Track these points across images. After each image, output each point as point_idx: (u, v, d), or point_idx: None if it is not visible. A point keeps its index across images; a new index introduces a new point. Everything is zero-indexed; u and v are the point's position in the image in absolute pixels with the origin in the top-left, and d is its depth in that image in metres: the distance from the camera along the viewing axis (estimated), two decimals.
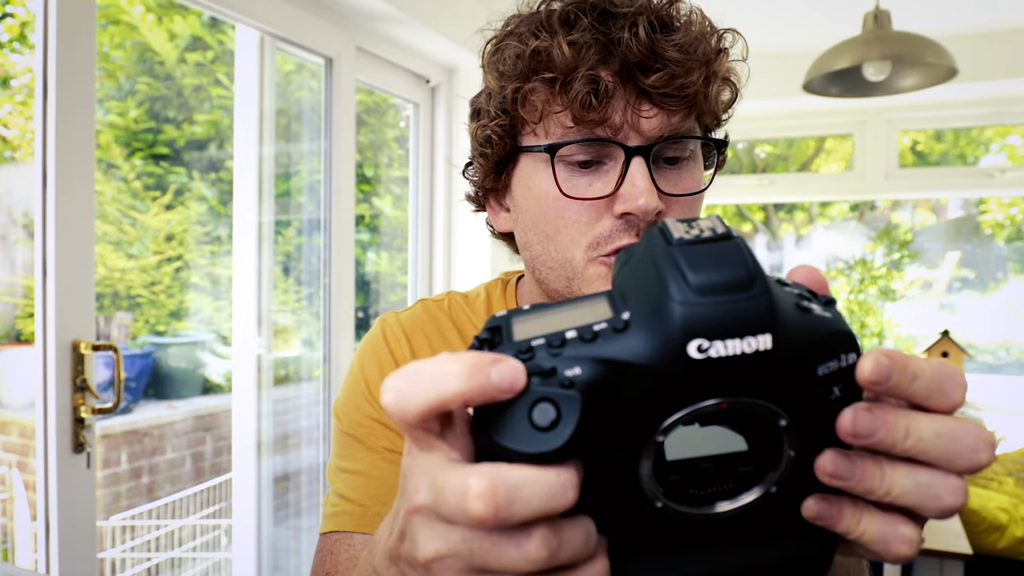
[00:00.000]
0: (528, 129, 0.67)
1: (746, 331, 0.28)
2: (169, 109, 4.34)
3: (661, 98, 0.62)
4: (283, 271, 2.28)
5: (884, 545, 0.33)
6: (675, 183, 0.65)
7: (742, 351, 0.28)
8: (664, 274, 0.29)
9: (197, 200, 4.46)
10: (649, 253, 0.31)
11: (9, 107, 3.79)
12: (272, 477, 2.10)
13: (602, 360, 0.30)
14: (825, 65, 2.04)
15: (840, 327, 0.31)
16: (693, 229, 0.31)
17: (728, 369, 0.29)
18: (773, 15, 2.73)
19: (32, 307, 1.56)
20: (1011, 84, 2.89)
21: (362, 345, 0.79)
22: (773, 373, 0.30)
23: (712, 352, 0.28)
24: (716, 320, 0.28)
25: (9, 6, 3.82)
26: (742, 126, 3.57)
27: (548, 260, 0.68)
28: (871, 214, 5.49)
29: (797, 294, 0.32)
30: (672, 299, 0.29)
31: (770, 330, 0.28)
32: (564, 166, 0.65)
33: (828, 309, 0.32)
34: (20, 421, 3.28)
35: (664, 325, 0.29)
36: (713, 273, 0.29)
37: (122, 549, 3.09)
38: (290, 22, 1.93)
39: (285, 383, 2.18)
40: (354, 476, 0.72)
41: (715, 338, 0.28)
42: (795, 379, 0.30)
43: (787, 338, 0.29)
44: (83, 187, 1.38)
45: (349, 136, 2.18)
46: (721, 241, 0.30)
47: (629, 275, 0.33)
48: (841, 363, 0.31)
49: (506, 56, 0.66)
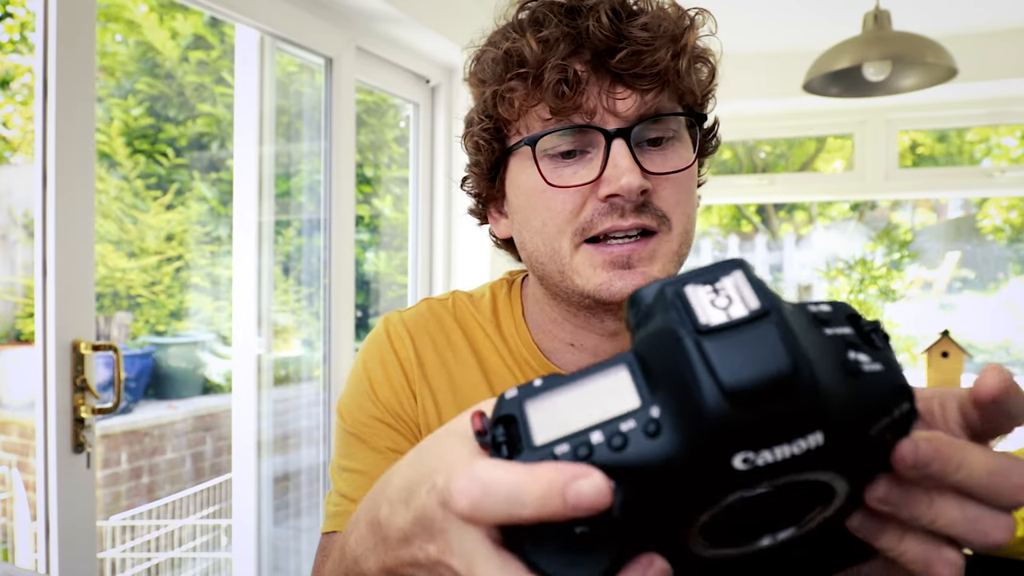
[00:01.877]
0: (512, 129, 0.69)
1: (794, 435, 0.26)
2: (170, 108, 4.34)
3: (633, 79, 0.63)
4: (283, 271, 2.28)
5: (925, 567, 0.33)
6: (660, 163, 0.66)
7: (792, 454, 0.26)
8: (696, 373, 0.26)
9: (197, 200, 4.46)
10: (672, 334, 0.28)
11: (10, 107, 3.79)
12: (272, 477, 2.10)
13: (636, 469, 0.28)
14: (825, 65, 2.04)
15: (893, 381, 0.29)
16: (719, 300, 0.28)
17: (778, 470, 0.27)
18: (773, 15, 2.73)
19: (32, 307, 1.57)
20: (1011, 84, 2.89)
21: (366, 344, 0.78)
22: (827, 458, 0.28)
23: (759, 462, 0.26)
24: (760, 432, 0.26)
25: (9, 6, 3.82)
26: (742, 126, 3.57)
27: (540, 255, 0.68)
28: (871, 214, 5.49)
29: (841, 340, 0.30)
30: (708, 408, 0.26)
31: (820, 428, 0.26)
32: (549, 159, 0.66)
33: (877, 356, 0.30)
34: (20, 421, 3.29)
35: (703, 437, 0.26)
36: (750, 374, 0.25)
37: (122, 549, 3.09)
38: (290, 22, 1.93)
39: (285, 383, 2.18)
40: (357, 475, 0.72)
41: (761, 448, 0.26)
42: (847, 451, 0.28)
43: (839, 423, 0.27)
44: (83, 187, 1.38)
45: (349, 136, 2.18)
46: (755, 323, 0.27)
47: (653, 347, 0.29)
48: (894, 416, 0.30)
49: (484, 63, 0.69)
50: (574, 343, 0.73)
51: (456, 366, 0.75)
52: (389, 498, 0.38)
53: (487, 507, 0.29)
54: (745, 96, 3.20)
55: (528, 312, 0.77)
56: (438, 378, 0.74)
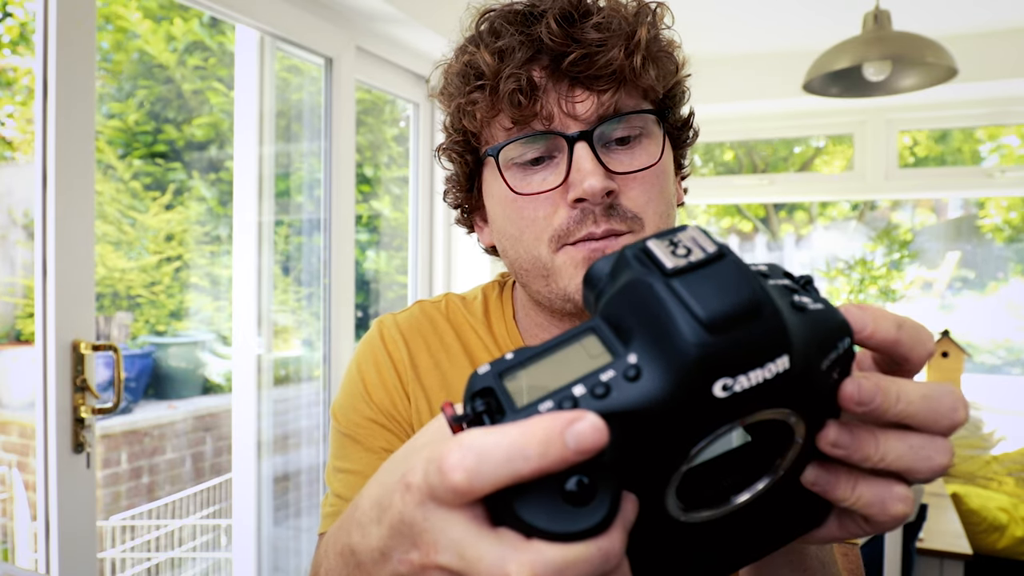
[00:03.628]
0: (482, 141, 0.69)
1: (766, 359, 0.28)
2: (169, 110, 4.34)
3: (589, 81, 0.63)
4: (283, 271, 2.28)
5: (881, 507, 0.35)
6: (627, 162, 0.65)
7: (764, 379, 0.29)
8: (670, 311, 0.28)
9: (197, 200, 4.46)
10: (641, 283, 0.30)
11: (11, 108, 3.79)
12: (272, 477, 2.10)
13: (621, 414, 0.29)
14: (825, 65, 2.04)
15: (835, 318, 0.32)
16: (679, 250, 0.30)
17: (751, 397, 0.29)
18: (773, 15, 2.73)
19: (32, 307, 1.56)
20: (1011, 84, 2.89)
21: (360, 347, 0.79)
22: (790, 386, 0.30)
23: (737, 387, 0.28)
24: (737, 357, 0.28)
25: (9, 7, 3.82)
26: (742, 126, 3.57)
27: (522, 262, 0.69)
28: (871, 214, 5.49)
29: (784, 288, 0.33)
30: (687, 341, 0.28)
31: (787, 351, 0.29)
32: (518, 168, 0.66)
33: (816, 299, 0.33)
34: (20, 421, 3.28)
35: (683, 369, 0.28)
36: (722, 304, 0.28)
37: (122, 549, 3.09)
38: (290, 22, 1.93)
39: (285, 383, 2.18)
40: (352, 476, 0.73)
41: (738, 374, 0.28)
42: (806, 382, 0.31)
43: (799, 351, 0.30)
44: (83, 187, 1.38)
45: (349, 136, 2.18)
46: (716, 262, 0.29)
47: (620, 305, 0.31)
48: (839, 351, 0.32)
49: (449, 77, 0.71)
50: None
51: (450, 368, 0.75)
52: (358, 521, 0.37)
53: (485, 473, 0.28)
54: (745, 96, 3.20)
55: (518, 315, 0.78)
56: (432, 379, 0.75)
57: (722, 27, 2.87)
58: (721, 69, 3.18)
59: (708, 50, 3.12)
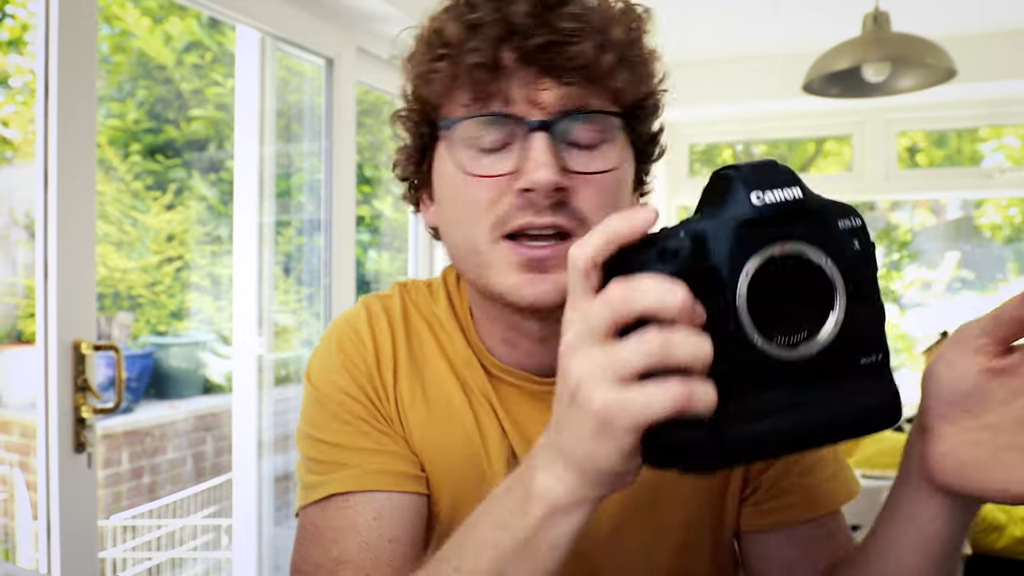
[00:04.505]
0: (439, 114, 0.66)
1: (784, 184, 0.41)
2: (169, 110, 4.35)
3: (556, 71, 0.61)
4: (284, 271, 2.29)
5: None
6: (586, 163, 0.63)
7: (783, 198, 0.41)
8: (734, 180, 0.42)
9: (197, 200, 4.46)
10: (720, 177, 0.44)
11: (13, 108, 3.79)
12: (273, 477, 2.10)
13: (696, 231, 0.41)
14: (825, 66, 2.05)
15: (846, 205, 0.44)
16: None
17: (778, 214, 0.41)
18: (773, 15, 2.74)
19: (33, 307, 1.57)
20: (1010, 85, 2.89)
21: (342, 324, 0.76)
22: (808, 218, 0.41)
23: (767, 198, 0.41)
24: (764, 181, 0.41)
25: (10, 7, 3.83)
26: (742, 126, 3.57)
27: (459, 249, 0.66)
28: (870, 214, 5.49)
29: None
30: (738, 181, 0.42)
31: (797, 184, 0.42)
32: (471, 150, 0.63)
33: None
34: (21, 421, 3.29)
35: (733, 193, 0.41)
36: (762, 166, 0.42)
37: (123, 549, 3.10)
38: (290, 22, 1.93)
39: (286, 383, 2.18)
40: (330, 448, 0.70)
41: (765, 189, 0.41)
42: (825, 225, 0.42)
43: (810, 194, 0.42)
44: (84, 187, 1.38)
45: (349, 136, 2.18)
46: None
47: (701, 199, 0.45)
48: (853, 223, 0.43)
49: (412, 44, 0.68)
50: (509, 341, 0.71)
51: (424, 365, 0.73)
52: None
53: (590, 241, 0.43)
54: (745, 96, 3.21)
55: (473, 306, 0.75)
56: (410, 378, 0.73)
57: (722, 27, 2.87)
58: (721, 69, 3.18)
59: (708, 50, 3.12)
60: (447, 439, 0.71)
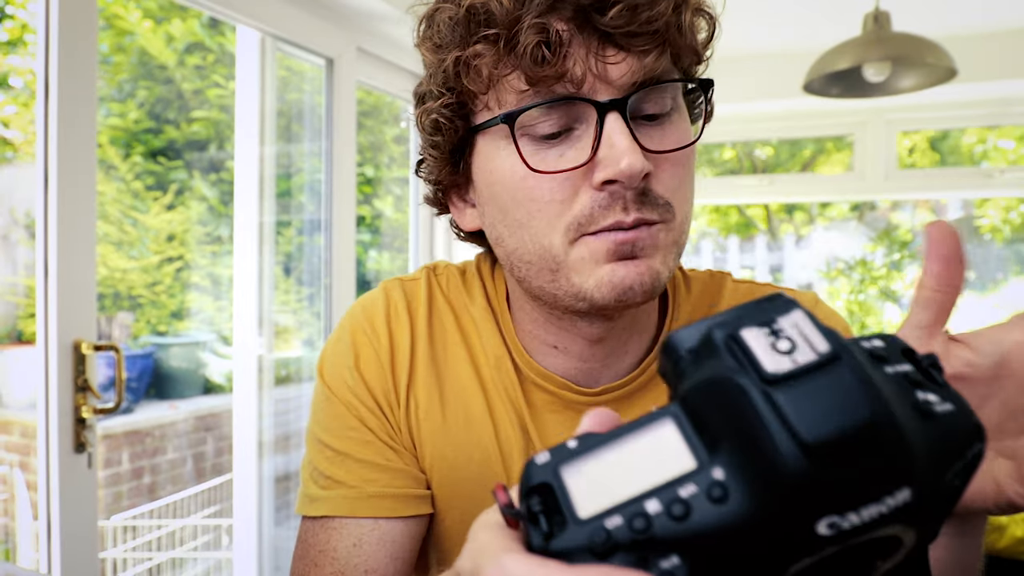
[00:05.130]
0: (480, 104, 0.57)
1: (883, 493, 0.24)
2: (170, 110, 4.35)
3: (626, 39, 0.52)
4: (284, 271, 2.28)
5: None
6: (659, 140, 0.55)
7: (880, 514, 0.24)
8: (769, 429, 0.23)
9: (198, 200, 4.46)
10: (733, 385, 0.25)
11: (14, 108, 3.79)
12: (273, 477, 2.10)
13: (702, 539, 0.24)
14: (825, 66, 2.04)
15: (967, 421, 0.27)
16: (781, 343, 0.25)
17: (861, 531, 0.24)
18: (773, 15, 2.74)
19: (34, 307, 1.56)
20: (1010, 85, 2.89)
21: (358, 310, 0.70)
22: (908, 513, 0.25)
23: (846, 525, 0.24)
24: (847, 492, 0.23)
25: (10, 7, 3.83)
26: (742, 126, 3.57)
27: (525, 254, 0.58)
28: (871, 214, 5.49)
29: (904, 378, 0.27)
30: (787, 467, 0.23)
31: (908, 483, 0.24)
32: (529, 140, 0.55)
33: (945, 394, 0.27)
34: (22, 421, 3.29)
35: (781, 501, 0.23)
36: (833, 426, 0.23)
37: (123, 549, 3.10)
38: (290, 23, 1.94)
39: (286, 383, 2.18)
40: (340, 457, 0.66)
41: (848, 511, 0.24)
42: (925, 503, 0.26)
43: (923, 478, 0.25)
44: (84, 187, 1.38)
45: (350, 136, 2.18)
46: (827, 367, 0.24)
47: (706, 401, 0.26)
48: (967, 459, 0.27)
49: (440, 24, 0.57)
50: (557, 346, 0.65)
51: (444, 363, 0.68)
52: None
53: None
54: (745, 96, 3.21)
55: (511, 304, 0.68)
56: (427, 375, 0.67)
57: (722, 27, 2.87)
58: (721, 69, 3.17)
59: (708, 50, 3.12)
60: (461, 452, 0.66)
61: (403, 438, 0.66)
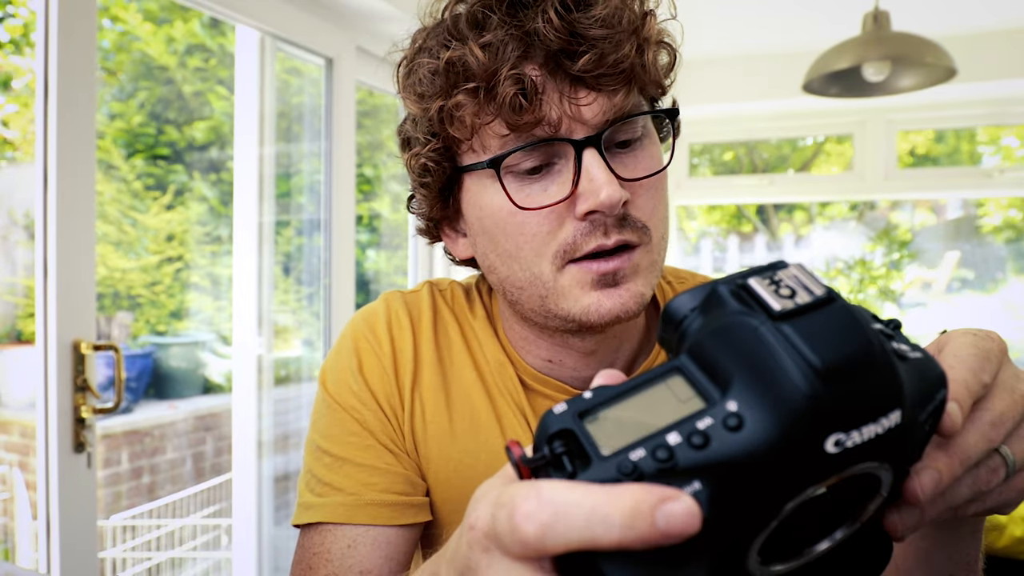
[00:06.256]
0: (465, 147, 0.61)
1: (879, 413, 0.27)
2: (170, 111, 4.35)
3: (596, 80, 0.56)
4: (283, 271, 2.28)
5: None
6: (633, 167, 0.60)
7: (876, 434, 0.27)
8: (781, 359, 0.26)
9: (198, 200, 4.46)
10: (744, 325, 0.28)
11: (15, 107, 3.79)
12: (272, 477, 2.10)
13: (723, 465, 0.26)
14: (825, 65, 2.04)
15: (935, 369, 0.31)
16: (783, 289, 0.28)
17: (859, 452, 0.27)
18: (773, 15, 2.74)
19: (33, 307, 1.56)
20: (1010, 84, 2.89)
21: (361, 320, 0.72)
22: (895, 441, 0.28)
23: (849, 443, 0.27)
24: (853, 410, 0.26)
25: (10, 7, 3.83)
26: (742, 126, 3.57)
27: (516, 280, 0.62)
28: (870, 214, 5.49)
29: (880, 333, 0.30)
30: (800, 391, 0.26)
31: (899, 406, 0.28)
32: (513, 177, 0.59)
33: (911, 346, 0.32)
34: (21, 421, 3.29)
35: (796, 422, 0.26)
36: (837, 352, 0.26)
37: (123, 549, 3.10)
38: (290, 22, 1.93)
39: (285, 383, 2.18)
40: (342, 462, 0.67)
41: (852, 429, 0.26)
42: (909, 436, 0.30)
43: (908, 405, 0.28)
44: (84, 187, 1.38)
45: (349, 136, 2.18)
46: (825, 306, 0.28)
47: (716, 347, 0.28)
48: (936, 402, 0.31)
49: (421, 75, 0.61)
50: (552, 360, 0.69)
51: (451, 369, 0.70)
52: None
53: (560, 532, 0.25)
54: (745, 96, 3.21)
55: (504, 323, 0.72)
56: (433, 379, 0.69)
57: (722, 27, 2.87)
58: (721, 69, 3.18)
59: (708, 50, 3.12)
60: (468, 454, 0.67)
61: (405, 442, 0.68)
